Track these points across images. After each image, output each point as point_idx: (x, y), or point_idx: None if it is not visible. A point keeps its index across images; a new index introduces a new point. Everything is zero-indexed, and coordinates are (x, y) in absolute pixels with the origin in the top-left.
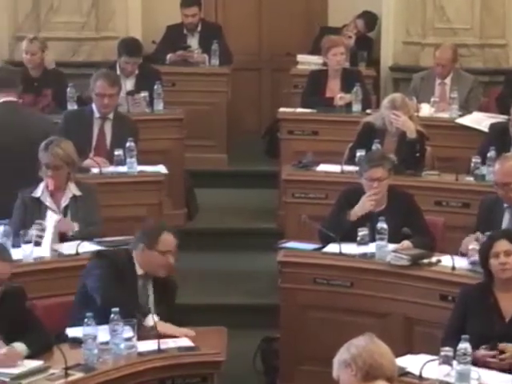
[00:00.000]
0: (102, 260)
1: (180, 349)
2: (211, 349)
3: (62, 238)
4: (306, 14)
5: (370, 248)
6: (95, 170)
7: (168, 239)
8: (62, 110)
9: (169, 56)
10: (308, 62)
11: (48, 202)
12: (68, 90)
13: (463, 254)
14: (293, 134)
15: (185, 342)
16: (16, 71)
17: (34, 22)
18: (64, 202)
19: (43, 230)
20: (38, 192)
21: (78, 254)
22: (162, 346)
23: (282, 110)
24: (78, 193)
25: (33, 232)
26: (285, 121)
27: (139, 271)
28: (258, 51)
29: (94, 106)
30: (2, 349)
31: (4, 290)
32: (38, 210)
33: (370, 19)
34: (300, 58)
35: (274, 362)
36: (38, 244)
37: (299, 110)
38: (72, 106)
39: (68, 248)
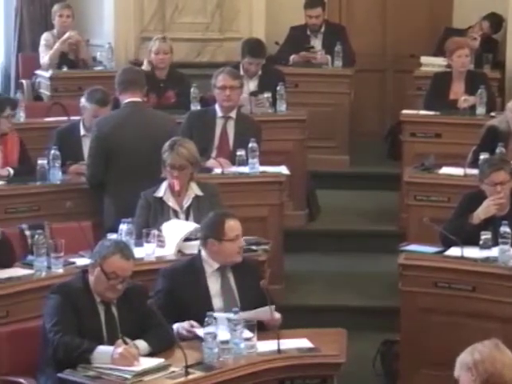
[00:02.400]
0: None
1: (300, 350)
2: (331, 350)
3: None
4: (430, 15)
5: (493, 252)
6: (217, 171)
7: (232, 224)
8: (185, 111)
9: (292, 57)
10: (432, 63)
11: (171, 202)
12: (191, 90)
13: None
14: (415, 136)
15: (305, 344)
16: (142, 72)
17: (159, 22)
18: (186, 202)
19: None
20: (161, 192)
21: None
22: (282, 347)
23: (404, 112)
24: (200, 193)
25: (155, 232)
26: (407, 123)
27: (214, 266)
28: (381, 52)
29: (216, 106)
30: (119, 348)
31: (127, 288)
32: (160, 210)
33: (496, 21)
34: (424, 59)
35: (393, 365)
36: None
37: (422, 112)
38: (195, 107)
39: (190, 248)
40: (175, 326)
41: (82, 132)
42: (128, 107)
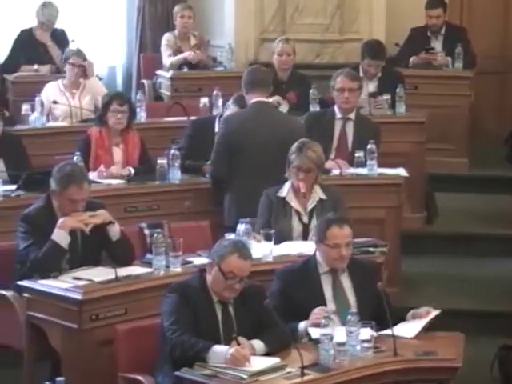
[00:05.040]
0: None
1: (417, 353)
2: (448, 354)
3: None
4: None
5: None
6: (336, 172)
7: (335, 232)
8: (304, 112)
9: (412, 58)
10: None
11: (293, 203)
12: (311, 91)
13: None
14: None
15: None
16: (269, 72)
17: (279, 23)
18: (310, 204)
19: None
20: (284, 192)
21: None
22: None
23: None
24: (323, 197)
25: (273, 230)
26: None
27: (325, 268)
28: (502, 55)
29: (335, 107)
30: (231, 349)
31: (244, 287)
32: (282, 210)
33: None
34: None
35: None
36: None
37: None
38: (314, 108)
39: (309, 247)
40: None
41: (217, 128)
42: (255, 107)
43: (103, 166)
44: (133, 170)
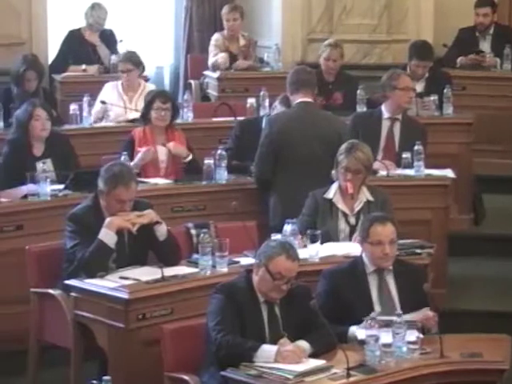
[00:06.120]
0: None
1: (463, 355)
2: (495, 356)
3: None
4: None
5: None
6: (383, 173)
7: (378, 229)
8: (351, 112)
9: (459, 59)
10: None
11: (340, 204)
12: (358, 92)
13: None
14: None
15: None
16: (314, 73)
17: (327, 24)
18: (357, 206)
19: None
20: (331, 193)
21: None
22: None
23: None
24: (371, 198)
25: (318, 232)
26: None
27: (371, 268)
28: None
29: (383, 107)
30: (288, 345)
31: (290, 288)
32: (329, 212)
33: None
34: None
35: None
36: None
37: None
38: (361, 108)
39: (356, 248)
40: None
41: None
42: (299, 107)
43: (149, 166)
44: (190, 157)
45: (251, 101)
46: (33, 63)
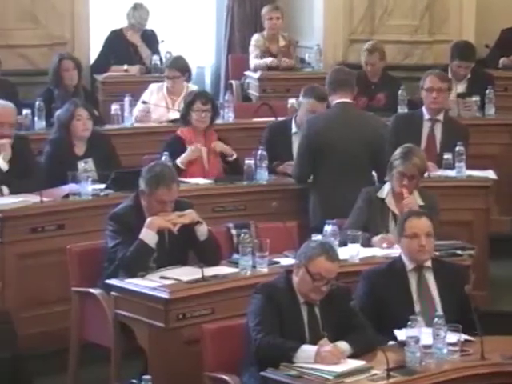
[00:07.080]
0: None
1: (504, 357)
2: None
3: None
4: None
5: None
6: (425, 174)
7: (414, 222)
8: (392, 113)
9: (501, 60)
10: None
11: (392, 206)
12: (399, 92)
13: None
14: None
15: None
16: (353, 73)
17: (368, 25)
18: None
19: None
20: (384, 193)
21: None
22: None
23: None
24: (420, 202)
25: (359, 233)
26: None
27: (410, 266)
28: None
29: (423, 108)
30: (327, 346)
31: (330, 289)
32: (379, 212)
33: None
34: None
35: None
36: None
37: None
38: (402, 109)
39: (396, 250)
40: None
41: (294, 129)
42: (338, 107)
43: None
44: (235, 156)
45: (292, 101)
46: (67, 54)
